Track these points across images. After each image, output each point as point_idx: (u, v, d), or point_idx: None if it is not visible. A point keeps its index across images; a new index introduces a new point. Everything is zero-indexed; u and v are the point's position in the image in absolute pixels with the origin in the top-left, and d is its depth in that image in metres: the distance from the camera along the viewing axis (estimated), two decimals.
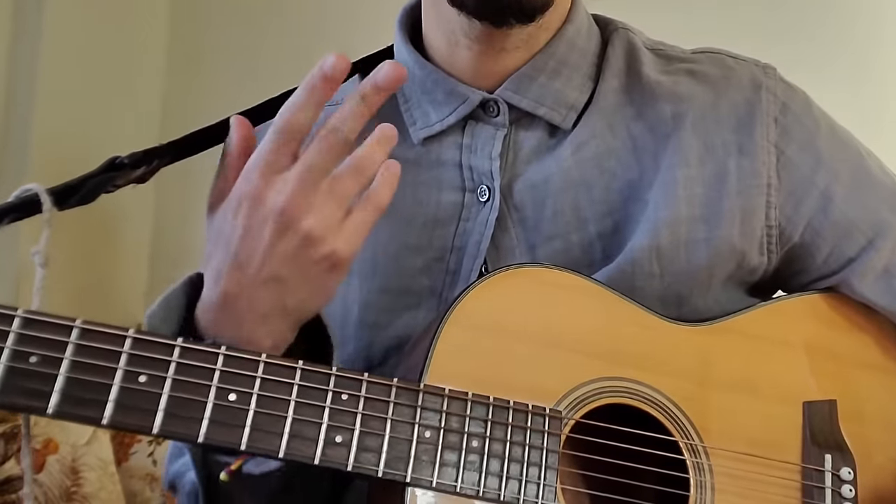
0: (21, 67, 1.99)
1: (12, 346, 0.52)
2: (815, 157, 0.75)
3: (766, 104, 0.75)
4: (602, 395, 0.66)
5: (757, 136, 0.74)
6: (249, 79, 2.04)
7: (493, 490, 0.60)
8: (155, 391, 0.54)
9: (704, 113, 0.75)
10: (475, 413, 0.61)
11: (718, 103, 0.75)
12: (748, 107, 0.75)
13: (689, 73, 0.77)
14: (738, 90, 0.76)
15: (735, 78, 0.76)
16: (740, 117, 0.75)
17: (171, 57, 2.27)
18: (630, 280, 0.71)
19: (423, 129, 0.78)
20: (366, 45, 0.87)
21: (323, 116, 0.82)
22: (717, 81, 0.76)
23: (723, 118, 0.75)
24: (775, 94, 0.75)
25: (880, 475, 0.72)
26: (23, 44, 1.99)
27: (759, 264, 0.74)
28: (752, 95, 0.75)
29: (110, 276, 2.17)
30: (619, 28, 0.80)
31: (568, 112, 0.76)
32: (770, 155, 0.74)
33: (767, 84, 0.76)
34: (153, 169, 0.72)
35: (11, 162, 1.97)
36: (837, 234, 0.74)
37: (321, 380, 0.58)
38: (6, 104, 1.99)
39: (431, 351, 0.62)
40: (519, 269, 0.67)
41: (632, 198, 0.74)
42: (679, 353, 0.69)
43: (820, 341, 0.73)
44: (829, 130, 0.76)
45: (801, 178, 0.74)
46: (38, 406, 0.52)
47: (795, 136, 0.75)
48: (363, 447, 0.58)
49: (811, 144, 0.75)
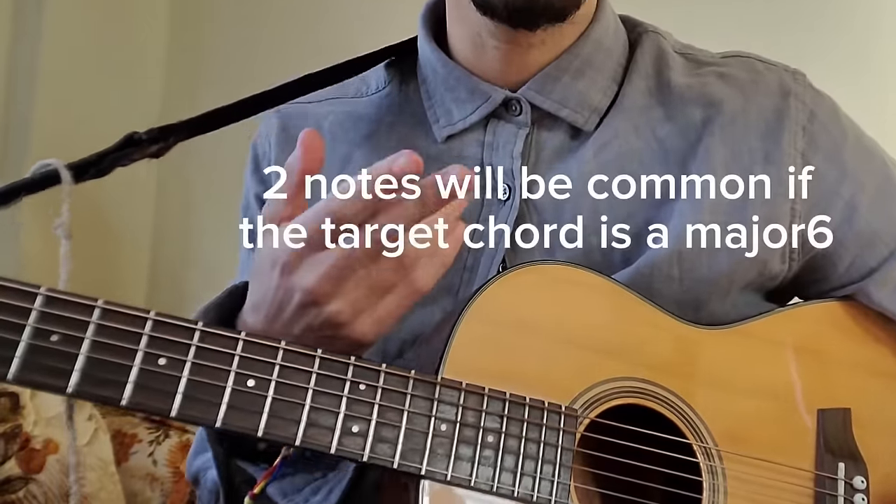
0: (21, 67, 1.99)
1: (34, 323, 0.52)
2: (841, 168, 0.75)
3: (795, 112, 0.75)
4: (617, 394, 0.65)
5: (784, 144, 0.74)
6: (249, 79, 2.04)
7: (507, 486, 0.60)
8: (174, 374, 0.54)
9: (734, 118, 0.75)
10: (491, 408, 0.61)
11: (748, 108, 0.75)
12: (777, 114, 0.75)
13: (718, 76, 0.77)
14: (767, 96, 0.76)
15: (764, 83, 0.76)
16: (769, 124, 0.75)
17: (171, 57, 2.27)
18: (648, 282, 0.71)
19: (445, 126, 0.78)
20: (365, 45, 0.87)
21: (349, 110, 0.83)
22: (746, 85, 0.76)
23: (751, 124, 0.75)
24: (804, 101, 0.75)
25: (891, 485, 0.71)
26: (23, 44, 1.99)
27: (780, 272, 0.74)
28: (781, 102, 0.75)
29: (111, 276, 2.16)
30: (650, 31, 0.80)
31: (591, 114, 0.76)
32: (796, 163, 0.74)
33: (796, 91, 0.76)
34: (169, 145, 0.72)
35: (11, 162, 1.97)
36: (860, 244, 0.74)
37: (339, 369, 0.58)
38: (6, 104, 1.99)
39: (449, 344, 0.62)
40: (538, 266, 0.67)
41: (655, 202, 0.74)
42: (695, 356, 0.69)
43: (836, 348, 0.73)
44: (855, 140, 0.76)
45: (826, 188, 0.74)
46: (57, 385, 0.52)
47: (822, 146, 0.75)
48: (379, 438, 0.58)
49: (837, 155, 0.75)
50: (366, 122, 0.82)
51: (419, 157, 0.56)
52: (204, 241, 2.14)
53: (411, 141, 0.80)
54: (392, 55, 0.85)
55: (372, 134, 0.82)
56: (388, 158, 0.56)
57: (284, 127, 0.84)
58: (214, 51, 2.23)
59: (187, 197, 2.13)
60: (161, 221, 2.22)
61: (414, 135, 0.80)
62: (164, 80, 2.27)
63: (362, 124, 0.82)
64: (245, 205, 0.88)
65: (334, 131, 0.83)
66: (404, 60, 0.84)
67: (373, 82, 0.85)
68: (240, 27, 2.20)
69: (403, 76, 0.84)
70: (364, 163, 0.80)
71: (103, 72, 2.13)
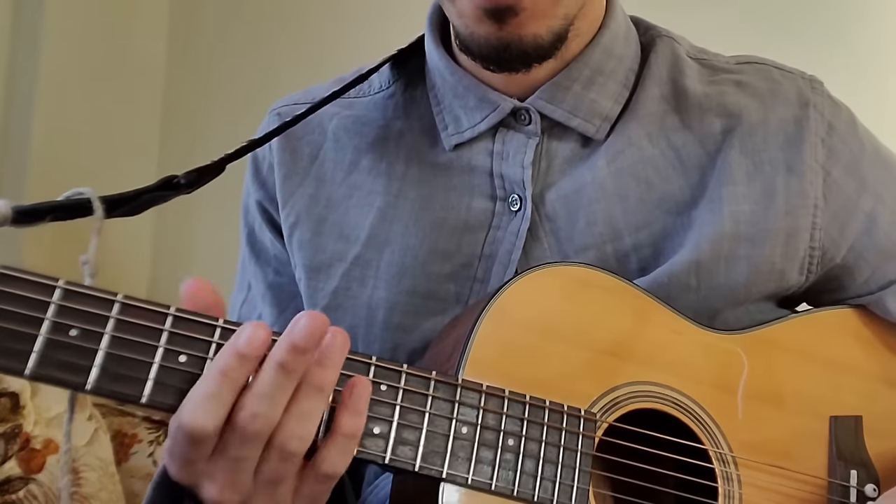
0: (21, 67, 1.97)
1: (52, 317, 0.51)
2: (860, 180, 0.74)
3: (815, 123, 0.74)
4: (635, 398, 0.65)
5: (805, 155, 0.73)
6: (250, 79, 2.03)
7: (528, 490, 0.59)
8: (195, 372, 0.53)
9: (754, 128, 0.74)
10: (512, 411, 0.60)
11: (767, 118, 0.74)
12: (797, 124, 0.74)
13: (736, 84, 0.76)
14: (786, 106, 0.75)
15: (782, 93, 0.75)
16: (788, 135, 0.74)
17: (171, 57, 2.26)
18: (665, 290, 0.70)
19: (454, 134, 0.77)
20: (365, 44, 0.86)
21: (354, 114, 0.82)
22: (765, 95, 0.75)
23: (771, 134, 0.74)
24: (822, 112, 0.75)
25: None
26: (23, 44, 1.97)
27: (798, 283, 0.74)
28: (801, 113, 0.74)
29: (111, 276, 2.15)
30: (663, 35, 0.79)
31: (601, 123, 0.75)
32: (818, 175, 0.73)
33: (815, 101, 0.75)
34: (202, 183, 0.71)
35: (11, 163, 1.95)
36: (880, 256, 0.74)
37: (361, 369, 0.57)
38: (6, 104, 1.97)
39: (469, 344, 0.61)
40: (557, 268, 0.66)
41: (671, 210, 0.73)
42: (711, 361, 0.69)
43: (849, 356, 0.73)
44: (873, 152, 0.76)
45: (845, 201, 0.74)
46: (75, 381, 0.51)
47: (841, 158, 0.74)
48: (400, 440, 0.57)
49: (856, 167, 0.75)
50: (372, 127, 0.80)
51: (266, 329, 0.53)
52: (204, 242, 2.13)
53: (419, 148, 0.79)
54: (398, 55, 0.83)
55: (379, 139, 0.80)
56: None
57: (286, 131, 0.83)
58: (214, 51, 2.22)
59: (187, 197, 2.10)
60: (161, 222, 2.21)
61: (422, 142, 0.79)
62: (164, 82, 2.26)
63: (368, 129, 0.80)
64: (245, 209, 0.87)
65: (339, 135, 0.81)
66: (410, 59, 0.82)
67: (376, 81, 0.83)
68: (240, 27, 2.19)
69: (409, 78, 0.82)
70: (371, 169, 0.79)
71: (103, 72, 2.12)
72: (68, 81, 2.03)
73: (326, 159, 0.81)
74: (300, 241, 0.80)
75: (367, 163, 0.79)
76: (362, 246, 0.78)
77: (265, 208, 0.84)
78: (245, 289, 0.87)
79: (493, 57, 0.70)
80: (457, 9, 0.69)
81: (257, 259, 0.86)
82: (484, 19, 0.67)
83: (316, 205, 0.80)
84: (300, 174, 0.81)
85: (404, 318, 0.75)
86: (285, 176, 0.81)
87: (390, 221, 0.77)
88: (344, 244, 0.78)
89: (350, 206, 0.79)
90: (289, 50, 2.06)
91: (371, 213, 0.78)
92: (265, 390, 0.51)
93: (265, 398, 0.51)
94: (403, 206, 0.77)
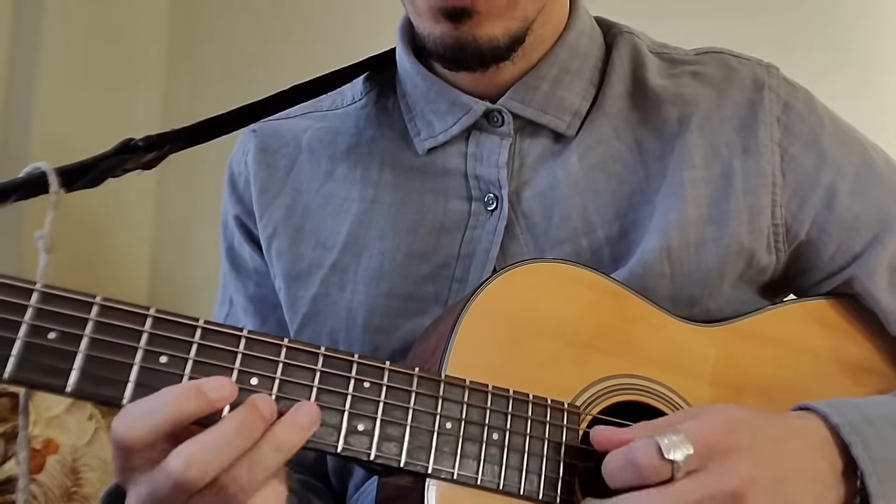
0: (21, 67, 1.96)
1: (30, 321, 0.50)
2: (819, 155, 0.75)
3: (769, 104, 0.75)
4: (618, 391, 0.65)
5: (761, 135, 0.75)
6: (249, 79, 2.03)
7: (514, 484, 0.59)
8: (176, 372, 0.53)
9: (709, 114, 0.76)
10: (495, 406, 0.60)
11: (722, 104, 0.76)
12: (751, 107, 0.76)
13: (693, 75, 0.78)
14: (740, 90, 0.76)
15: (737, 78, 0.77)
16: (743, 118, 0.75)
17: (171, 57, 2.26)
18: (641, 281, 0.71)
19: (427, 139, 0.78)
20: (364, 45, 0.87)
21: (327, 125, 0.82)
22: (720, 82, 0.77)
23: (726, 119, 0.75)
24: (778, 93, 0.76)
25: None
26: (23, 44, 1.97)
27: (769, 263, 0.75)
28: (755, 95, 0.76)
29: (111, 278, 2.12)
30: (624, 32, 0.81)
31: (572, 119, 0.77)
32: (774, 154, 0.74)
33: (770, 83, 0.76)
34: (163, 154, 0.70)
35: (11, 162, 1.94)
36: (843, 230, 0.74)
37: (343, 367, 0.57)
38: (6, 104, 1.97)
39: (452, 340, 0.62)
40: (536, 264, 0.67)
41: (639, 202, 0.75)
42: (691, 353, 0.69)
43: (825, 346, 0.74)
44: (832, 127, 0.77)
45: (805, 176, 0.75)
46: (56, 384, 0.50)
47: (799, 135, 0.75)
48: (385, 436, 0.57)
49: (815, 142, 0.75)
50: (345, 136, 0.82)
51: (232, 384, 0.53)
52: (204, 243, 2.12)
53: (393, 154, 0.80)
54: (371, 67, 0.84)
55: (352, 148, 0.81)
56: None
57: (261, 145, 0.83)
58: (214, 51, 2.22)
59: (187, 198, 2.10)
60: (161, 223, 2.20)
61: (395, 148, 0.80)
62: (164, 80, 2.26)
63: (341, 139, 0.82)
64: (223, 226, 0.87)
65: (313, 146, 0.82)
66: (382, 72, 0.84)
67: (348, 93, 0.85)
68: (240, 27, 2.20)
69: (381, 88, 0.83)
70: (346, 177, 0.80)
71: (103, 72, 2.12)
72: (68, 81, 2.03)
73: (302, 171, 0.82)
74: (278, 250, 0.81)
75: (341, 171, 0.80)
76: (340, 252, 0.78)
77: (243, 222, 0.84)
78: (227, 303, 0.88)
79: (449, 56, 0.71)
80: (415, 8, 0.71)
81: (238, 273, 0.86)
82: (440, 19, 0.69)
83: (293, 214, 0.80)
84: (276, 186, 0.82)
85: (384, 321, 0.75)
86: (261, 189, 0.82)
87: (367, 226, 0.78)
88: (322, 251, 0.79)
89: (326, 214, 0.80)
90: (289, 50, 2.07)
91: (348, 219, 0.79)
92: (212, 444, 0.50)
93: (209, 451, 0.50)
94: (379, 210, 0.78)
